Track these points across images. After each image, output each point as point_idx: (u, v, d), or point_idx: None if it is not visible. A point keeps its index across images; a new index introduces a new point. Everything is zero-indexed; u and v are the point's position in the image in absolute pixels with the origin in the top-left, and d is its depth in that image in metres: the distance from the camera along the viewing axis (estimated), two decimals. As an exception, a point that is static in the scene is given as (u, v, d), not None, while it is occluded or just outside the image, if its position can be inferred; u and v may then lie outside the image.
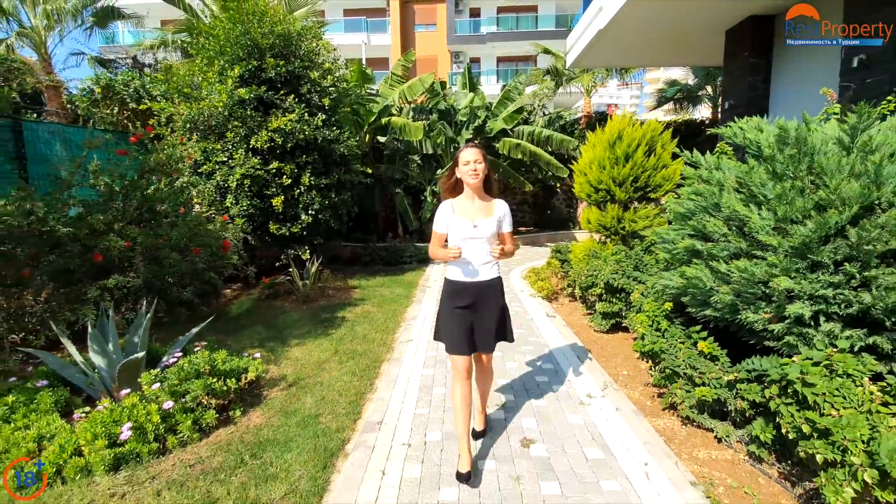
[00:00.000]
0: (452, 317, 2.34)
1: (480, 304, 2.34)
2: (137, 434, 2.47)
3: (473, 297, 2.33)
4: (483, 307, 2.34)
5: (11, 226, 3.68)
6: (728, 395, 2.40)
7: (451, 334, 2.33)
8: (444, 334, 2.40)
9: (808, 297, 2.08)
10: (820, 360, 1.96)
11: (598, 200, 5.81)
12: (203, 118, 5.58)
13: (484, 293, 2.35)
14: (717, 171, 2.57)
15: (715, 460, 2.48)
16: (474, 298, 2.33)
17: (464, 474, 2.24)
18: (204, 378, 2.86)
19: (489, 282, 2.36)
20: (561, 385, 3.34)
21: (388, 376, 3.55)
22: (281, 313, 5.41)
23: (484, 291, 2.35)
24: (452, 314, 2.34)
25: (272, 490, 2.20)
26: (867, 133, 2.15)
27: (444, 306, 2.41)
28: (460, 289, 2.35)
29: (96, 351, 2.90)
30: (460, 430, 2.31)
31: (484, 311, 2.35)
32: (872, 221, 1.89)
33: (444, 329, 2.39)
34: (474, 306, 2.33)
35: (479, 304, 2.34)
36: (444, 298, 2.43)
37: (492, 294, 2.37)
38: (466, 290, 2.33)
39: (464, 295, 2.33)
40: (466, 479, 2.23)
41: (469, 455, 2.29)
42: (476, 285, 2.33)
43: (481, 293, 2.34)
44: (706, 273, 2.45)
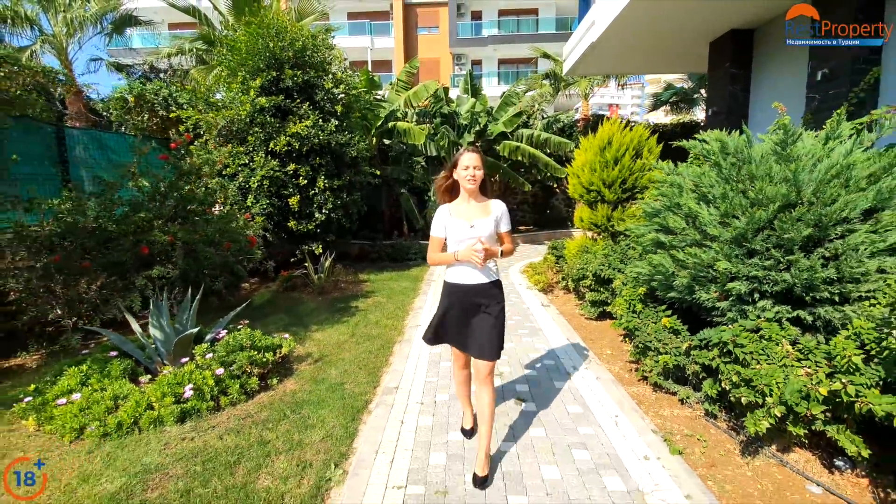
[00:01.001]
0: (447, 317, 2.35)
1: (478, 306, 2.30)
2: (197, 394, 2.99)
3: (472, 299, 2.30)
4: (480, 310, 2.30)
5: (69, 223, 4.22)
6: (686, 360, 2.90)
7: (441, 328, 2.38)
8: (432, 327, 2.42)
9: (745, 277, 2.58)
10: (751, 328, 2.47)
11: (590, 200, 6.31)
12: (227, 125, 6.10)
13: (482, 295, 2.30)
14: (678, 176, 3.08)
15: (676, 417, 2.99)
16: (472, 300, 2.30)
17: (468, 430, 2.64)
18: (247, 351, 3.38)
19: (489, 284, 2.31)
20: (550, 360, 3.85)
21: (401, 353, 4.07)
22: (299, 303, 5.93)
23: (483, 294, 2.30)
24: (448, 315, 2.35)
25: (312, 435, 2.71)
26: (795, 145, 2.66)
27: (442, 308, 2.39)
28: (459, 291, 2.31)
29: (156, 327, 3.41)
30: (462, 401, 2.69)
31: (482, 314, 2.30)
32: (790, 216, 2.40)
33: (436, 325, 2.40)
34: (471, 309, 2.31)
35: (476, 306, 2.30)
36: (442, 300, 2.42)
37: (491, 297, 2.31)
38: (465, 293, 2.30)
39: (462, 297, 2.31)
40: (469, 435, 2.63)
41: (472, 412, 2.68)
42: (474, 287, 2.29)
43: (480, 295, 2.30)
44: (668, 260, 2.95)
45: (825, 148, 2.60)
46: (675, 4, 5.72)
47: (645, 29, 6.65)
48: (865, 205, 2.34)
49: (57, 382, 3.11)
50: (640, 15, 6.10)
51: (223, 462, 2.43)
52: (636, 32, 6.77)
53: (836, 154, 2.47)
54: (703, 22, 6.44)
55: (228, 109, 6.21)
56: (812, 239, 2.45)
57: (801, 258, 2.39)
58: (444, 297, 2.41)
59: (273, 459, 2.47)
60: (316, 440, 2.66)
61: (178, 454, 2.52)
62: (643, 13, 6.02)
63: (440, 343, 2.45)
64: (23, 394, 3.06)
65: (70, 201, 4.39)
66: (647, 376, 3.34)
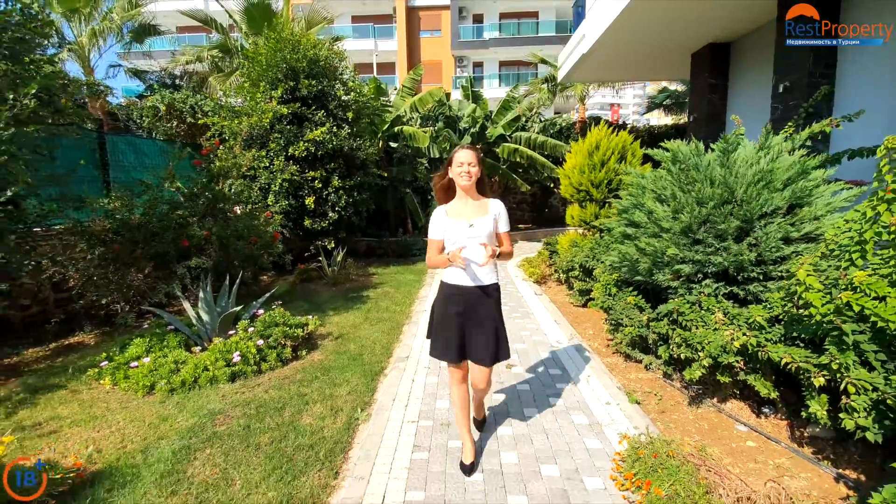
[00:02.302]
0: (446, 322, 2.27)
1: (477, 309, 2.25)
2: (243, 360, 3.62)
3: (470, 301, 2.24)
4: (478, 314, 2.25)
5: (119, 220, 4.86)
6: (646, 331, 3.51)
7: (442, 341, 2.29)
8: (434, 339, 2.36)
9: (691, 261, 3.19)
10: (693, 301, 3.08)
11: (580, 199, 6.91)
12: (249, 130, 6.73)
13: (480, 299, 2.25)
14: (642, 179, 3.68)
15: (640, 379, 3.60)
16: (471, 303, 2.24)
17: (467, 465, 2.33)
18: (281, 326, 4.00)
19: (487, 287, 2.26)
20: (539, 337, 4.47)
21: (409, 333, 4.69)
22: (315, 293, 6.56)
23: (480, 297, 2.25)
24: (444, 319, 2.28)
25: (340, 390, 3.34)
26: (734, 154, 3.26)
27: (439, 310, 2.33)
28: (456, 293, 2.26)
29: (203, 307, 4.04)
30: (462, 427, 2.40)
31: (479, 318, 2.25)
32: (722, 211, 3.00)
33: (436, 334, 2.34)
34: (468, 312, 2.25)
35: (475, 309, 2.25)
36: (438, 302, 2.36)
37: (489, 300, 2.27)
38: (463, 295, 2.24)
39: (460, 299, 2.25)
40: (469, 471, 2.30)
41: (472, 445, 2.39)
42: (473, 290, 2.24)
43: (478, 298, 2.24)
44: (633, 249, 3.56)
45: (757, 156, 3.21)
46: (658, 20, 6.32)
47: (631, 42, 7.25)
48: (781, 202, 2.94)
49: (125, 351, 3.74)
50: (625, 29, 6.70)
51: (272, 407, 3.06)
52: (623, 45, 7.37)
53: (762, 161, 3.08)
54: (685, 36, 7.04)
55: (250, 117, 6.84)
56: (741, 230, 3.06)
57: (732, 245, 3.00)
58: (441, 300, 2.33)
59: (311, 406, 3.10)
60: (343, 394, 3.29)
61: (234, 402, 3.15)
62: (629, 28, 6.62)
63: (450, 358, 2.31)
64: (98, 360, 3.70)
65: (118, 200, 5.02)
66: (619, 348, 3.96)
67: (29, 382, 3.62)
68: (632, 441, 2.40)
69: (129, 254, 4.73)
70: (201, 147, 5.77)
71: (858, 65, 5.03)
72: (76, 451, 2.56)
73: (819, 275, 2.28)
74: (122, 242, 4.75)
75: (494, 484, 2.24)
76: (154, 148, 7.15)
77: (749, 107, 6.78)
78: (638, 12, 6.01)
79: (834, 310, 2.01)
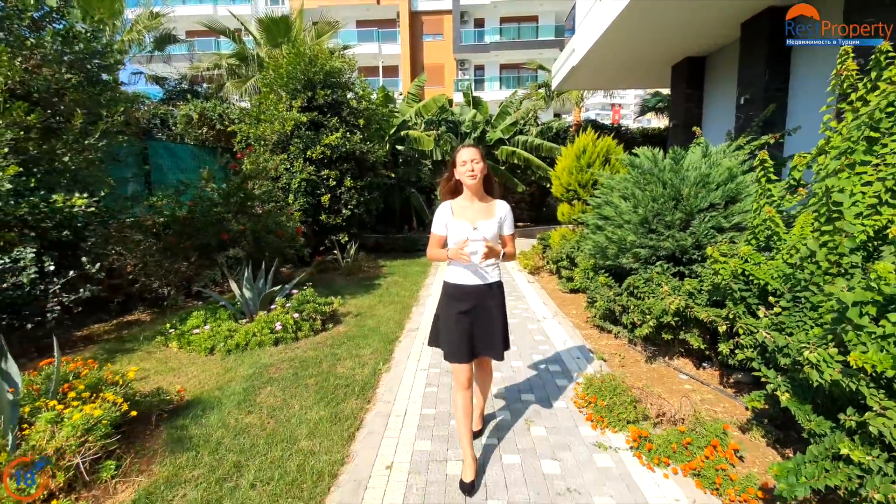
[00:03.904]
0: (451, 322, 2.26)
1: (481, 308, 2.26)
2: (283, 329, 4.42)
3: (474, 301, 2.25)
4: (484, 312, 2.27)
5: (168, 215, 5.66)
6: (613, 304, 4.30)
7: (450, 342, 2.26)
8: (442, 341, 2.33)
9: (647, 246, 3.97)
10: (646, 277, 3.87)
11: (569, 198, 7.70)
12: (273, 137, 7.54)
13: (485, 297, 2.27)
14: (611, 180, 4.47)
15: (609, 345, 4.38)
16: (475, 303, 2.25)
17: (467, 484, 2.20)
18: (312, 303, 4.80)
19: (491, 285, 2.29)
20: (528, 314, 5.27)
21: (418, 311, 5.49)
22: (333, 281, 7.36)
23: (485, 295, 2.27)
24: (451, 319, 2.26)
25: (364, 351, 4.13)
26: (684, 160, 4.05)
27: (443, 311, 2.33)
28: (460, 292, 2.27)
29: (247, 288, 4.84)
30: (464, 441, 2.29)
31: (485, 317, 2.27)
32: (668, 206, 3.79)
33: (443, 335, 2.31)
34: (475, 311, 2.25)
35: (480, 308, 2.26)
36: (442, 302, 2.36)
37: (493, 298, 2.29)
38: (467, 294, 2.25)
39: (464, 299, 2.25)
40: (469, 490, 2.19)
41: (473, 461, 2.27)
42: (477, 289, 2.25)
43: (482, 297, 2.26)
44: (603, 238, 4.35)
45: (700, 162, 3.99)
46: (639, 37, 7.11)
47: (616, 56, 8.04)
48: (716, 199, 3.72)
49: (185, 322, 4.55)
50: (610, 45, 7.50)
51: (312, 362, 3.86)
52: (609, 58, 8.16)
53: (702, 167, 3.86)
54: (665, 51, 7.83)
55: (272, 124, 7.64)
56: (685, 221, 3.84)
57: (678, 233, 3.79)
58: (446, 301, 2.33)
59: (343, 361, 3.90)
60: (367, 353, 4.08)
61: (281, 359, 3.95)
62: (613, 44, 7.42)
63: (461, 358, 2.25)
64: (164, 329, 4.51)
65: (167, 198, 5.83)
66: (594, 322, 4.75)
67: (107, 347, 4.43)
68: (589, 377, 3.19)
69: (179, 245, 5.53)
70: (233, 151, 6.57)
71: (808, 80, 5.80)
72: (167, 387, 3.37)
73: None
74: (172, 235, 5.56)
75: (490, 406, 3.03)
76: (186, 151, 7.96)
77: (721, 115, 7.56)
78: (621, 32, 6.80)
79: (730, 275, 2.80)
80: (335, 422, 2.88)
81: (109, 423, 2.31)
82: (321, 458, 2.48)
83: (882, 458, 1.58)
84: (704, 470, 2.20)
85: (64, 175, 4.08)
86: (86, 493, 2.17)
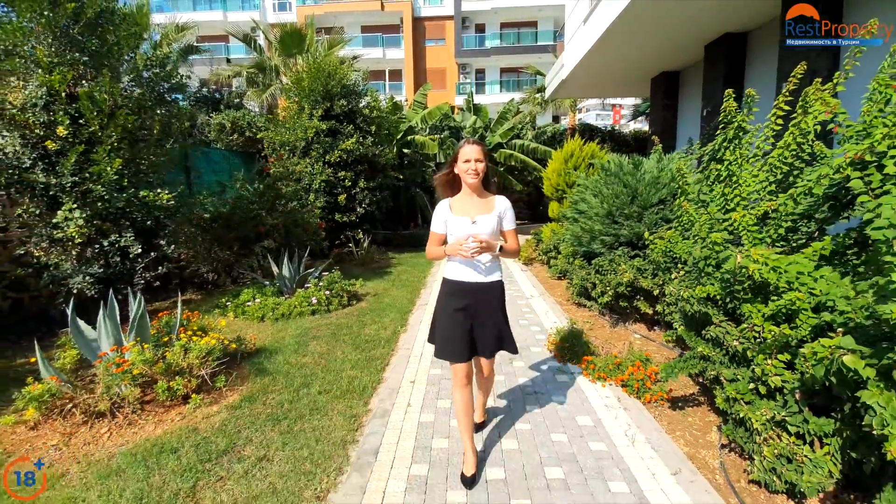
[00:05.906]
0: (449, 320, 2.24)
1: (480, 306, 2.24)
2: (318, 303, 5.44)
3: (473, 298, 2.23)
4: (483, 310, 2.25)
5: (213, 211, 6.68)
6: (586, 282, 5.31)
7: (448, 340, 2.24)
8: (439, 339, 2.31)
9: (611, 234, 4.98)
10: (611, 259, 4.88)
11: (558, 197, 8.70)
12: (296, 142, 8.57)
13: (485, 295, 2.25)
14: (586, 180, 5.48)
15: (583, 316, 5.39)
16: (474, 300, 2.23)
17: (468, 477, 2.23)
18: (339, 283, 5.83)
19: (490, 283, 2.26)
20: (518, 293, 6.28)
21: (426, 292, 6.51)
22: (349, 270, 8.37)
23: (485, 293, 2.25)
24: (449, 317, 2.24)
25: (385, 319, 5.15)
26: (642, 165, 5.06)
27: (441, 308, 2.32)
28: (459, 290, 2.26)
29: (286, 269, 5.86)
30: (464, 436, 2.31)
31: (484, 315, 2.24)
32: (627, 202, 4.80)
33: (440, 333, 2.30)
34: (474, 308, 2.23)
35: (478, 306, 2.24)
36: (441, 299, 2.34)
37: (493, 296, 2.27)
38: (466, 292, 2.24)
39: (463, 296, 2.24)
40: (470, 484, 2.21)
41: (474, 455, 2.30)
42: (476, 286, 2.24)
43: (482, 295, 2.24)
44: (578, 228, 5.36)
45: (655, 167, 4.99)
46: (619, 54, 8.11)
47: (599, 70, 9.05)
48: (665, 196, 4.72)
49: (238, 297, 5.58)
50: (594, 62, 8.50)
51: (344, 326, 4.89)
52: (593, 72, 9.17)
53: (654, 171, 4.87)
54: (644, 66, 8.83)
55: (295, 132, 8.67)
56: (639, 214, 4.85)
57: (634, 224, 4.80)
58: (444, 298, 2.32)
59: (368, 326, 4.92)
60: (387, 321, 5.10)
61: (319, 324, 4.97)
62: (597, 61, 8.42)
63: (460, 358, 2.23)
64: (222, 302, 5.53)
65: (211, 197, 6.85)
66: (572, 298, 5.76)
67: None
68: (559, 329, 4.21)
69: (224, 237, 6.56)
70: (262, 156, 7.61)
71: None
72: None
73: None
74: (218, 228, 6.58)
75: (481, 352, 4.03)
76: (219, 155, 8.99)
77: (690, 124, 8.56)
78: (602, 52, 7.81)
79: (660, 252, 3.80)
80: (370, 361, 3.90)
81: (220, 351, 3.33)
82: (363, 379, 3.51)
83: (720, 353, 2.59)
84: (628, 381, 3.21)
85: (148, 175, 5.12)
86: (207, 397, 3.20)
